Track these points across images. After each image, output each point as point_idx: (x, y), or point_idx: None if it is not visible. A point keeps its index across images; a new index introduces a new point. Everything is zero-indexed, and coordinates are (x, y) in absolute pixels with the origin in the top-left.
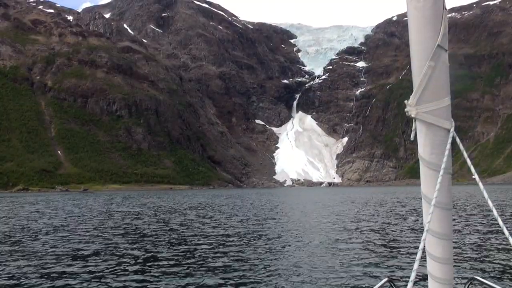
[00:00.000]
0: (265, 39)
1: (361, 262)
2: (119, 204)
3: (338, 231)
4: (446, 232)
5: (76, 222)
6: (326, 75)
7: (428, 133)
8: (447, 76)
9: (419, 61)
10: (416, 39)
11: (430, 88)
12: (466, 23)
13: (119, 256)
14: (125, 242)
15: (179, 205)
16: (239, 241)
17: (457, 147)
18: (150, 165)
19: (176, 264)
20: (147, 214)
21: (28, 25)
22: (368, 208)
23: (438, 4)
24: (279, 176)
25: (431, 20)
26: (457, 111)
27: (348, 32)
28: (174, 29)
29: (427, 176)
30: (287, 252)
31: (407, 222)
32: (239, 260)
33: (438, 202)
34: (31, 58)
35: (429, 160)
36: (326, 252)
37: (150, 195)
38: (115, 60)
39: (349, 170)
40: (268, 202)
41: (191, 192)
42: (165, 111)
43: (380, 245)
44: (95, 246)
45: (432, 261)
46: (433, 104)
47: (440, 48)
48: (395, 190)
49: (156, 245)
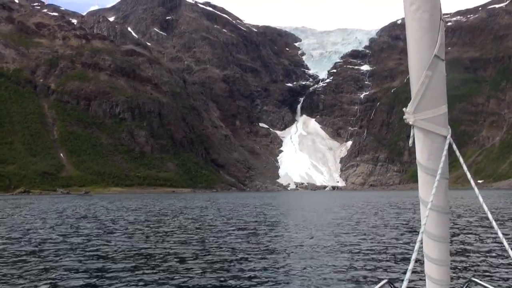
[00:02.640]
0: (269, 42)
1: (360, 264)
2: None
3: (339, 234)
4: (442, 234)
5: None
6: (331, 79)
7: (425, 140)
8: (444, 85)
9: (417, 71)
10: (413, 49)
11: (427, 96)
12: (472, 27)
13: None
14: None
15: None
16: (234, 245)
17: (464, 152)
18: (153, 168)
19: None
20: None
21: (31, 28)
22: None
23: (435, 15)
24: (282, 179)
25: (428, 31)
26: (462, 115)
27: (353, 36)
28: (178, 32)
29: (425, 181)
30: (284, 255)
31: (408, 225)
32: (231, 261)
33: (435, 205)
34: (35, 61)
35: (426, 165)
36: (326, 254)
37: (136, 198)
38: (119, 63)
39: (353, 174)
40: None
41: (187, 195)
42: (168, 114)
43: (380, 247)
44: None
45: (429, 262)
46: (431, 112)
47: (437, 58)
48: (400, 194)
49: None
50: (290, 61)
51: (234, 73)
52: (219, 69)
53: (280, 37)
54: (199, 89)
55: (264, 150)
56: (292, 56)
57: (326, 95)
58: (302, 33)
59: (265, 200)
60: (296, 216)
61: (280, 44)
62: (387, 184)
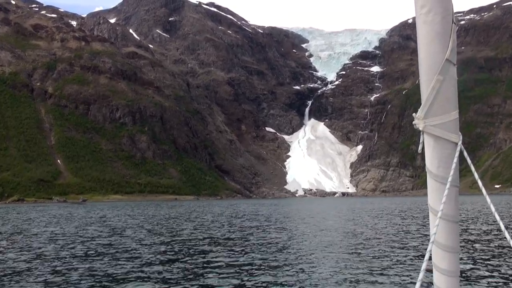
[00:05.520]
0: (275, 44)
1: (369, 275)
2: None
3: (347, 241)
4: (452, 244)
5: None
6: (339, 81)
7: (435, 146)
8: (455, 90)
9: (428, 75)
10: (424, 53)
11: (438, 101)
12: (486, 25)
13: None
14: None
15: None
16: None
17: (479, 156)
18: (155, 174)
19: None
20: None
21: (29, 30)
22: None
23: (447, 18)
24: (290, 186)
25: (440, 34)
26: (477, 117)
27: (362, 36)
28: (182, 34)
29: (434, 189)
30: (294, 260)
31: (419, 233)
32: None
33: (445, 214)
34: (31, 64)
35: (436, 172)
36: (335, 262)
37: (134, 207)
38: (119, 65)
39: (363, 179)
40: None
41: (190, 203)
42: (171, 118)
43: (389, 257)
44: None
45: (438, 273)
46: (441, 117)
47: (449, 62)
48: (414, 201)
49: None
50: (297, 63)
51: (239, 75)
52: (224, 71)
53: (287, 38)
54: (203, 93)
55: (271, 155)
56: (299, 58)
57: (335, 98)
58: (309, 34)
59: (278, 208)
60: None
61: (287, 46)
62: (399, 190)
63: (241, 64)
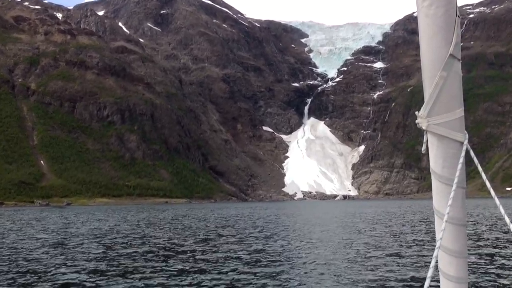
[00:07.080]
0: (273, 39)
1: (375, 282)
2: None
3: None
4: (459, 249)
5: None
6: (341, 77)
7: (440, 146)
8: (460, 86)
9: (431, 71)
10: (427, 48)
11: (442, 99)
12: (496, 18)
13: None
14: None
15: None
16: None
17: (489, 157)
18: (145, 176)
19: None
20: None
21: (10, 22)
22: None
23: (450, 11)
24: (288, 188)
25: (443, 28)
26: (487, 116)
27: (365, 30)
28: (174, 28)
29: (439, 191)
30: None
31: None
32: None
33: (451, 217)
34: (13, 59)
35: (441, 173)
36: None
37: (119, 210)
38: (107, 60)
39: (366, 181)
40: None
41: (183, 206)
42: (162, 116)
43: (395, 263)
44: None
45: (445, 280)
46: (445, 116)
47: (453, 57)
48: (420, 204)
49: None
50: (296, 58)
51: (235, 72)
52: (219, 67)
53: (285, 32)
54: (197, 90)
55: (268, 156)
56: (298, 53)
57: (336, 96)
58: (309, 28)
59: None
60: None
61: (285, 41)
62: (404, 193)
63: (237, 59)
